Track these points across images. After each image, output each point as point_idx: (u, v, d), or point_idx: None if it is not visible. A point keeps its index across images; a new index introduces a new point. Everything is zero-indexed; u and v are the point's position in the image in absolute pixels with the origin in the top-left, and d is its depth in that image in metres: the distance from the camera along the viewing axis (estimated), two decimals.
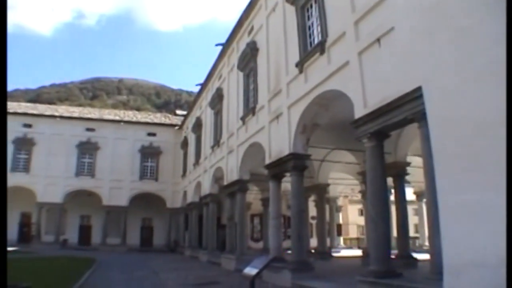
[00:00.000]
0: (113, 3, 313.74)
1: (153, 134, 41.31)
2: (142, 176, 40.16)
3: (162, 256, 31.67)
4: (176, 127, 41.71)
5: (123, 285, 14.06)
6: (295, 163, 13.50)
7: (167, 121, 44.06)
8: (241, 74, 20.38)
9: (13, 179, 37.94)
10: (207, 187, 26.86)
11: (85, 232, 41.09)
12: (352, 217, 50.20)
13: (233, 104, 21.50)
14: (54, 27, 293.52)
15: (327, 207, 27.31)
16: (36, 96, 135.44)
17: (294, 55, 13.79)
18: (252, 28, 19.39)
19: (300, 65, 13.22)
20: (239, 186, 19.66)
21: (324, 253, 22.71)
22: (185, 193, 35.89)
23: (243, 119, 19.17)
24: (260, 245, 32.20)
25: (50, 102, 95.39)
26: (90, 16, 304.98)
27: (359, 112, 9.91)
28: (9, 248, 30.96)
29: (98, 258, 24.75)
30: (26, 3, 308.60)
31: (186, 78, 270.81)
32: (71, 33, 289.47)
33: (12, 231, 40.28)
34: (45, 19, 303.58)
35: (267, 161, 15.72)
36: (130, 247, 37.46)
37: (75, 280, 13.64)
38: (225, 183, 22.17)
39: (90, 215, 41.14)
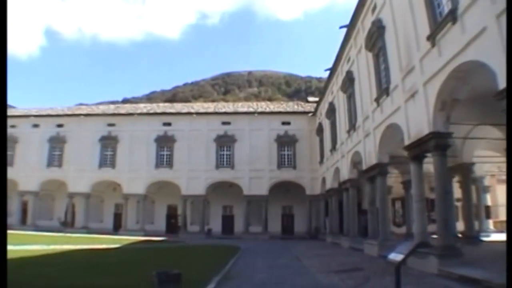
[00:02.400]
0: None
1: (287, 123, 42.19)
2: (280, 164, 41.23)
3: (303, 243, 32.23)
4: (310, 114, 42.07)
5: (267, 272, 14.26)
6: (436, 142, 12.97)
7: (300, 109, 44.65)
8: (369, 54, 20.01)
9: (159, 175, 42.05)
10: (345, 173, 26.84)
11: (228, 221, 43.89)
12: (502, 198, 46.41)
13: (365, 86, 21.19)
14: (180, 30, 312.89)
15: (473, 188, 25.68)
16: (172, 96, 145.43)
17: (424, 29, 13.22)
18: (375, 6, 18.97)
19: (431, 38, 12.63)
20: (379, 170, 19.33)
21: (472, 237, 21.56)
22: (323, 179, 36.23)
23: (377, 100, 18.86)
24: (402, 230, 31.41)
25: (185, 100, 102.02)
26: (213, 15, 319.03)
27: (504, 81, 9.07)
28: (158, 238, 34.14)
29: (242, 246, 25.95)
30: (153, 12, 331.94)
31: (314, 65, 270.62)
32: (197, 33, 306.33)
33: (161, 222, 45.01)
34: (171, 24, 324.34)
35: (406, 142, 15.30)
36: (272, 235, 38.92)
37: (221, 266, 14.38)
38: (363, 167, 21.94)
39: (232, 205, 43.79)
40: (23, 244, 22.69)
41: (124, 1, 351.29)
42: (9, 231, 35.84)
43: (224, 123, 42.82)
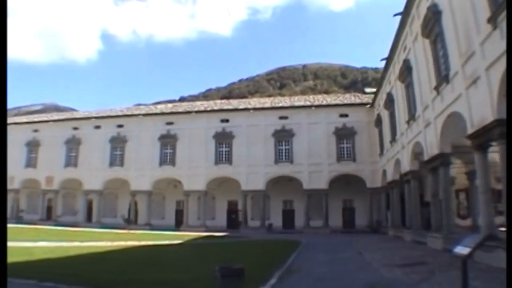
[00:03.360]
0: None
1: (345, 115, 41.81)
2: (340, 158, 40.95)
3: (364, 236, 32.15)
4: (367, 106, 41.55)
5: (328, 266, 14.31)
6: (502, 130, 12.41)
7: (357, 101, 44.12)
8: (426, 41, 19.56)
9: (218, 171, 43.01)
10: (406, 164, 26.40)
11: (288, 216, 44.19)
12: None
13: (423, 74, 20.74)
14: (232, 27, 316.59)
15: None
16: (227, 92, 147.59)
17: (483, 11, 12.70)
18: None
19: (492, 20, 12.10)
20: (441, 160, 18.85)
21: None
22: (384, 171, 35.74)
23: (436, 88, 18.36)
24: (467, 222, 30.40)
25: (241, 96, 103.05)
26: (264, 10, 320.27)
27: None
28: (219, 233, 34.79)
29: (303, 241, 26.05)
30: (204, 10, 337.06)
31: (369, 55, 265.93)
32: (249, 29, 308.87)
33: (222, 218, 45.84)
34: (223, 21, 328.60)
35: (469, 131, 14.78)
36: (333, 229, 38.95)
37: (283, 261, 14.56)
38: (425, 158, 21.46)
39: (292, 199, 44.01)
40: (89, 241, 23.94)
41: (175, 2, 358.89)
42: (76, 229, 38.05)
43: (281, 117, 43.02)
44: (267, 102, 49.69)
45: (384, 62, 31.16)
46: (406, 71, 24.46)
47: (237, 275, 9.84)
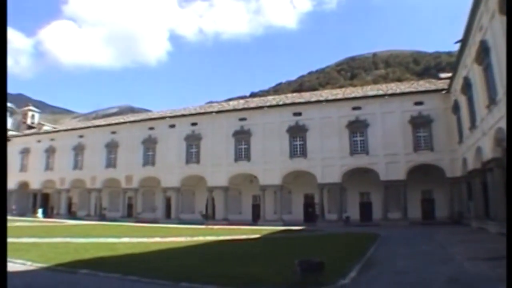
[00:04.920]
0: None
1: (420, 103, 41.34)
2: (416, 147, 40.56)
3: (445, 228, 31.53)
4: (443, 92, 40.64)
5: (409, 259, 14.54)
6: None
7: (432, 87, 43.39)
8: (504, 18, 18.63)
9: (293, 165, 44.20)
10: (488, 151, 25.76)
11: (365, 208, 44.67)
12: None
13: (503, 54, 19.81)
14: (298, 20, 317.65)
15: None
16: (298, 86, 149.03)
17: None
18: None
19: None
20: None
21: None
22: (464, 160, 35.21)
23: None
24: None
25: (312, 89, 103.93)
26: (329, 0, 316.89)
27: None
28: (296, 227, 35.89)
29: (381, 233, 26.50)
30: (268, 5, 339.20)
31: (442, 38, 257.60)
32: (315, 21, 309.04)
33: (298, 211, 47.04)
34: (288, 15, 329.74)
35: None
36: (412, 221, 38.75)
37: (362, 254, 15.17)
38: None
39: (369, 191, 44.59)
40: (169, 236, 25.48)
41: None
42: (155, 225, 40.60)
43: (354, 108, 43.18)
44: (339, 93, 50.10)
45: (458, 45, 30.51)
46: (483, 52, 23.75)
47: (317, 269, 9.95)
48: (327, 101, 45.25)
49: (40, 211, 58.68)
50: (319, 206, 43.36)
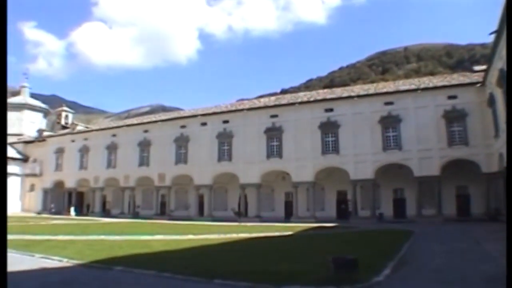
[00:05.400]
0: None
1: (454, 97, 40.81)
2: (450, 142, 40.12)
3: (482, 225, 31.20)
4: (478, 85, 39.87)
5: (445, 256, 14.45)
6: None
7: (466, 80, 42.65)
8: None
9: (326, 161, 44.44)
10: None
11: (399, 205, 44.35)
12: None
13: None
14: (327, 15, 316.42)
15: None
16: (329, 81, 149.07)
17: None
18: None
19: None
20: None
21: None
22: (500, 155, 34.29)
23: None
24: None
25: (343, 84, 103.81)
26: None
27: None
28: (329, 224, 36.14)
29: (415, 230, 26.43)
30: (297, 1, 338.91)
31: (475, 30, 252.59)
32: (344, 15, 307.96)
33: (331, 208, 47.27)
34: (317, 10, 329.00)
35: None
36: (446, 217, 38.38)
37: (396, 251, 15.22)
38: None
39: (402, 187, 44.30)
40: (202, 234, 25.90)
41: None
42: (188, 222, 41.36)
43: (386, 103, 42.99)
44: (370, 88, 49.83)
45: (493, 36, 29.73)
46: None
47: (351, 266, 10.07)
48: (358, 96, 45.04)
49: (72, 209, 60.42)
50: (352, 202, 43.50)
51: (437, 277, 10.73)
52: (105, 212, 60.69)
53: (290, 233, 27.62)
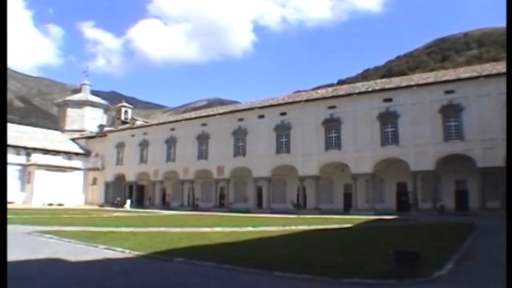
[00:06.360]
0: None
1: None
2: None
3: None
4: None
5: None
6: None
7: None
8: None
9: (385, 152, 44.28)
10: None
11: (461, 197, 43.65)
12: None
13: None
14: (383, 3, 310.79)
15: None
16: (386, 71, 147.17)
17: None
18: None
19: None
20: None
21: None
22: None
23: None
24: None
25: (401, 73, 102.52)
26: None
27: None
28: (388, 217, 36.34)
29: (478, 223, 25.99)
30: None
31: None
32: (400, 2, 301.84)
33: (391, 200, 47.11)
34: None
35: None
36: None
37: (458, 245, 14.90)
38: None
39: (465, 179, 43.56)
40: (261, 226, 26.13)
41: None
42: (247, 215, 42.39)
43: (447, 92, 42.22)
44: (430, 77, 49.05)
45: None
46: None
47: (412, 259, 9.77)
48: (418, 85, 44.56)
49: (128, 202, 63.06)
50: (412, 194, 43.32)
51: (503, 274, 9.68)
52: (165, 205, 62.99)
53: (349, 225, 27.81)
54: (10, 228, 22.61)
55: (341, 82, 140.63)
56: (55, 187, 65.92)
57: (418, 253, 9.92)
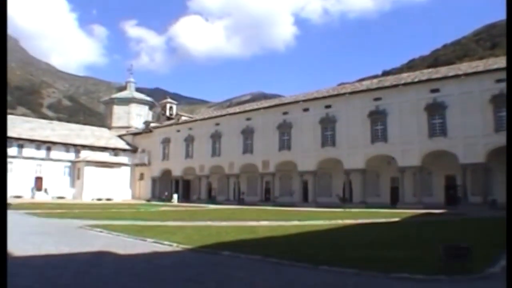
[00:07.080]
0: None
1: None
2: None
3: None
4: None
5: None
6: None
7: None
8: None
9: (433, 144, 43.72)
10: None
11: None
12: None
13: None
14: None
15: None
16: (433, 60, 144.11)
17: None
18: None
19: None
20: None
21: None
22: None
23: None
24: None
25: (448, 63, 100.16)
26: None
27: None
28: (436, 211, 36.07)
29: None
30: None
31: None
32: None
33: (439, 194, 46.09)
34: None
35: None
36: None
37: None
38: None
39: None
40: (307, 220, 26.48)
41: None
42: (293, 208, 42.90)
43: (497, 81, 40.15)
44: (479, 65, 47.20)
45: None
46: None
47: (463, 255, 9.55)
48: (466, 74, 43.37)
49: (175, 196, 64.35)
50: (462, 188, 42.39)
51: None
52: (211, 199, 64.08)
53: (396, 219, 27.77)
54: (63, 222, 24.13)
55: (386, 73, 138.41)
56: (103, 182, 68.05)
57: (469, 249, 9.68)
